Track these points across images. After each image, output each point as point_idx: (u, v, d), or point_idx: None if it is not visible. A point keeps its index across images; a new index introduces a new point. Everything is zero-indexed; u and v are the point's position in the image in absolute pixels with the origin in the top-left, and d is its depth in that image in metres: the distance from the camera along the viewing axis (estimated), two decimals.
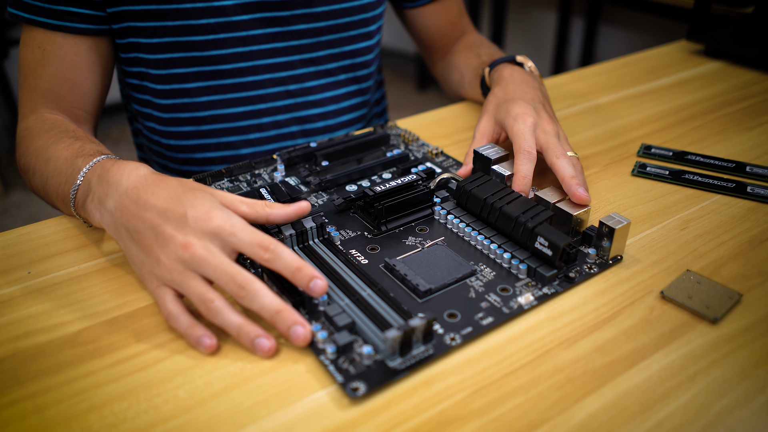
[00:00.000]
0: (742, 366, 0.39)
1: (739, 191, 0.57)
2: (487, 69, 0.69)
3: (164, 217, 0.42)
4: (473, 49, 0.79)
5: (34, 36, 0.62)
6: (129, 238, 0.44)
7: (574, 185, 0.50)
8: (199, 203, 0.42)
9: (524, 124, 0.55)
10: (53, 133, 0.57)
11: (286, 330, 0.39)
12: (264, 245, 0.41)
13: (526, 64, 0.68)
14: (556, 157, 0.52)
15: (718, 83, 0.82)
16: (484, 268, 0.47)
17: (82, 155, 0.51)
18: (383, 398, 0.37)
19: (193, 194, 0.43)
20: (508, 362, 0.39)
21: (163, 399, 0.37)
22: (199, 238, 0.41)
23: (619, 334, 0.41)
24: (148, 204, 0.43)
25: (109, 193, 0.45)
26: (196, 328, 0.40)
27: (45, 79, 0.62)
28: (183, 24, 0.63)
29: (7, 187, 2.04)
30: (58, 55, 0.62)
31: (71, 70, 0.63)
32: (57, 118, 0.61)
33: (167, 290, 0.42)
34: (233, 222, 0.42)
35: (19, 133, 0.62)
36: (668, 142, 0.67)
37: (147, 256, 0.43)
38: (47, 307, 0.44)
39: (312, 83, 0.73)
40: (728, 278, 0.46)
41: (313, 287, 0.40)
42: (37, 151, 0.57)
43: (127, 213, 0.44)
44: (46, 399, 0.37)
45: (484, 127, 0.60)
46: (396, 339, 0.38)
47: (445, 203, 0.54)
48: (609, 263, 0.47)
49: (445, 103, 0.79)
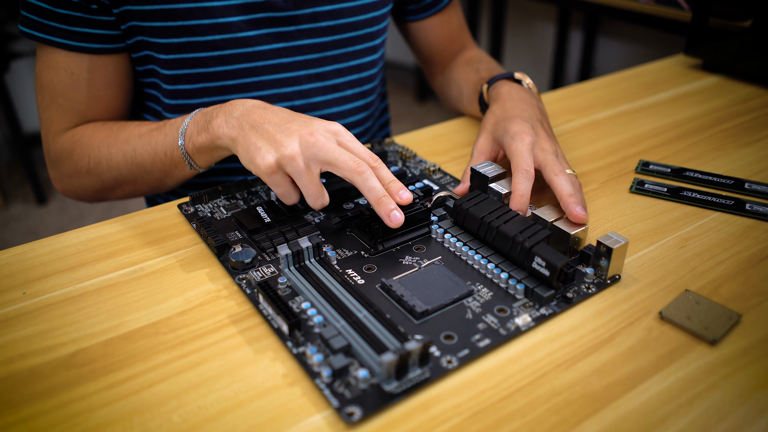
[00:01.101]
0: (742, 389, 0.38)
1: (737, 208, 0.56)
2: (485, 86, 0.69)
3: (290, 119, 0.52)
4: (472, 64, 0.79)
5: (57, 59, 0.62)
6: (252, 130, 0.51)
7: (572, 203, 0.50)
8: (316, 121, 0.52)
9: (522, 143, 0.55)
10: (111, 124, 0.62)
11: (387, 213, 0.48)
12: (373, 156, 0.51)
13: (524, 81, 0.68)
14: (554, 174, 0.52)
15: (716, 98, 0.82)
16: (481, 288, 0.47)
17: (165, 123, 0.60)
18: (379, 423, 0.37)
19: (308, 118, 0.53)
20: (505, 385, 0.39)
21: (156, 423, 0.37)
22: (321, 133, 0.50)
23: (617, 355, 0.41)
24: (275, 110, 0.53)
25: (235, 107, 0.54)
26: (314, 196, 0.51)
27: (78, 100, 0.64)
28: (189, 41, 0.64)
29: (7, 200, 2.04)
30: (88, 78, 0.63)
31: (103, 90, 0.65)
32: (95, 124, 0.65)
33: (282, 175, 0.50)
34: (349, 133, 0.52)
35: (63, 145, 0.64)
36: (666, 158, 0.67)
37: (268, 143, 0.50)
38: (42, 329, 0.44)
39: (318, 98, 0.73)
40: (727, 298, 0.46)
41: (392, 219, 0.48)
42: (107, 139, 0.62)
43: (255, 114, 0.52)
44: (39, 423, 0.37)
45: (482, 145, 0.60)
46: (392, 363, 0.37)
47: (443, 222, 0.54)
48: (607, 283, 0.47)
49: (444, 115, 0.79)
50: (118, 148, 0.62)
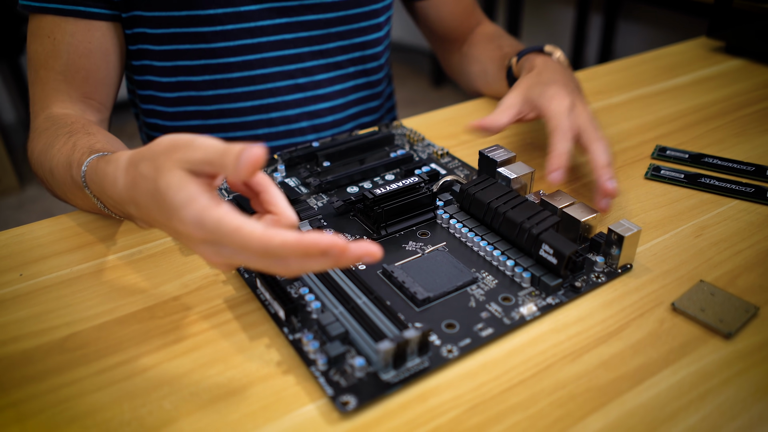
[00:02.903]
0: (757, 385, 0.37)
1: (758, 196, 0.54)
2: (515, 59, 0.67)
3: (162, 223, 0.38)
4: (494, 41, 0.77)
5: (43, 25, 0.60)
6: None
7: (606, 176, 0.48)
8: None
9: (561, 105, 0.52)
10: (50, 133, 0.56)
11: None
12: (265, 242, 0.34)
13: (554, 54, 0.64)
14: (592, 141, 0.50)
15: (738, 82, 0.79)
16: (486, 275, 0.45)
17: (73, 163, 0.50)
18: (374, 413, 0.35)
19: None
20: (507, 377, 0.37)
21: (147, 410, 0.36)
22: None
23: (626, 348, 0.39)
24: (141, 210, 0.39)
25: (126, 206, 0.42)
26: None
27: (57, 70, 0.60)
28: (190, 14, 0.62)
29: (23, 182, 2.05)
30: (70, 43, 0.60)
31: (84, 58, 0.61)
32: (61, 114, 0.60)
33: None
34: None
35: (29, 134, 0.61)
36: (684, 144, 0.64)
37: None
38: (36, 311, 0.43)
39: (321, 76, 0.72)
40: (744, 290, 0.44)
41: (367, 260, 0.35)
42: (39, 157, 0.56)
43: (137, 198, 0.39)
44: (29, 407, 0.36)
45: (512, 99, 0.55)
46: (389, 351, 0.36)
47: (449, 207, 0.52)
48: (618, 272, 0.45)
49: (460, 100, 0.77)
50: (48, 178, 0.55)
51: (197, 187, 0.35)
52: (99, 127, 0.57)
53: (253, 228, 0.33)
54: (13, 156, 2.08)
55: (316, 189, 0.55)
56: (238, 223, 0.34)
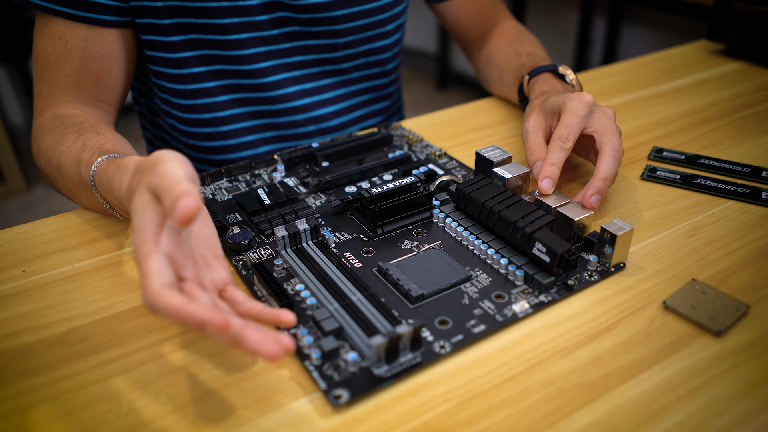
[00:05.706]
0: (746, 382, 0.37)
1: (753, 197, 0.54)
2: (527, 77, 0.66)
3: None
4: (513, 45, 0.76)
5: (54, 27, 0.60)
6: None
7: (595, 188, 0.49)
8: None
9: (581, 102, 0.52)
10: (59, 131, 0.57)
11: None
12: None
13: (567, 77, 0.64)
14: (610, 147, 0.50)
15: (737, 84, 0.79)
16: (480, 273, 0.45)
17: (83, 163, 0.51)
18: (366, 407, 0.36)
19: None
20: (498, 372, 0.38)
21: (144, 402, 0.37)
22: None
23: (616, 345, 0.40)
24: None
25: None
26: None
27: (68, 72, 0.61)
28: (207, 22, 0.63)
29: (30, 183, 2.07)
30: (83, 47, 0.60)
31: (96, 63, 0.61)
32: (69, 113, 0.60)
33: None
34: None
35: (34, 131, 0.61)
36: (682, 146, 0.65)
37: None
38: (38, 306, 0.44)
39: (326, 81, 0.73)
40: (736, 288, 0.44)
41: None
42: (47, 154, 0.57)
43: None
44: (29, 399, 0.37)
45: (535, 121, 0.56)
46: (381, 346, 0.37)
47: (445, 206, 0.53)
48: (611, 271, 0.46)
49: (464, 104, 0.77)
50: (55, 175, 0.56)
51: (151, 216, 0.35)
52: (108, 127, 0.58)
53: (158, 276, 0.33)
54: (21, 158, 2.10)
55: (315, 188, 0.56)
56: (150, 268, 0.33)
